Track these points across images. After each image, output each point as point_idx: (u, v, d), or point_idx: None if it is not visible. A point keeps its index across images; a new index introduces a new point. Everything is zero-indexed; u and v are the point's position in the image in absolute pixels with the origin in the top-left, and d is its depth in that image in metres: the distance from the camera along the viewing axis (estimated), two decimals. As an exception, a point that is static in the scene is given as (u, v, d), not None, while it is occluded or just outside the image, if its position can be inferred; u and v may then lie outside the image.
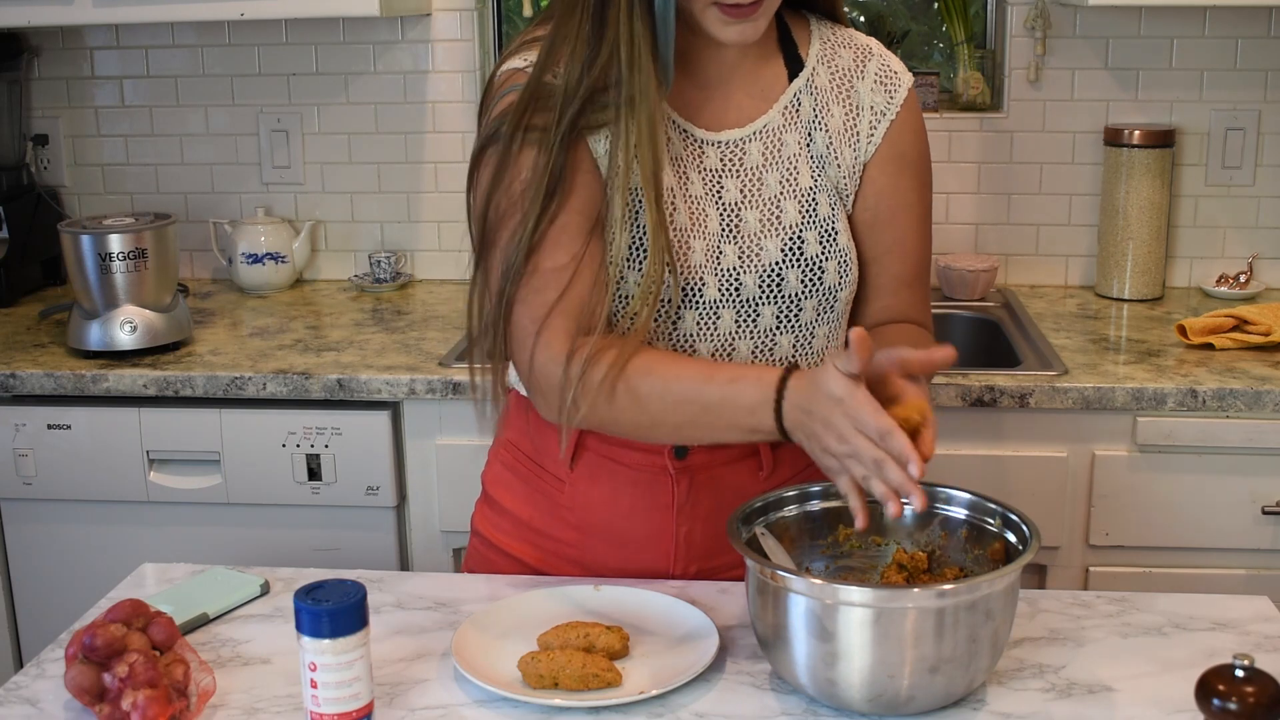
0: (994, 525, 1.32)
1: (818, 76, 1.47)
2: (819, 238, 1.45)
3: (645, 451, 1.48)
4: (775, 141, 1.45)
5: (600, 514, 1.51)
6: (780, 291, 1.44)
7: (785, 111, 1.46)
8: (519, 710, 1.24)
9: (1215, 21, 2.59)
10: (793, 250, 1.44)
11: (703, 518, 1.50)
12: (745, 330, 1.44)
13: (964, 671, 1.20)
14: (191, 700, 1.24)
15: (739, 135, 1.45)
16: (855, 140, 1.47)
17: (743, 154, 1.45)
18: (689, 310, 1.42)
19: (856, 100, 1.48)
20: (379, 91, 2.76)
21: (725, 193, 1.44)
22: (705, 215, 1.42)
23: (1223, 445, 2.10)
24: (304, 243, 2.79)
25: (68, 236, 2.32)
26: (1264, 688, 1.05)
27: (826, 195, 1.46)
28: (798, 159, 1.46)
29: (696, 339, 1.43)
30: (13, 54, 2.76)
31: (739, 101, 1.46)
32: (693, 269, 1.41)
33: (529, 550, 1.56)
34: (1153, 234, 2.58)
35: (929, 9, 2.97)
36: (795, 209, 1.44)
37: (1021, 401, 2.10)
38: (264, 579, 1.50)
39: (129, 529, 2.29)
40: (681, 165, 1.43)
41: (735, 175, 1.44)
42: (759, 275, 1.43)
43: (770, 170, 1.45)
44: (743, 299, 1.43)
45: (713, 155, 1.44)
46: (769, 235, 1.44)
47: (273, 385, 2.19)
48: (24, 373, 2.24)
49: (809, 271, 1.44)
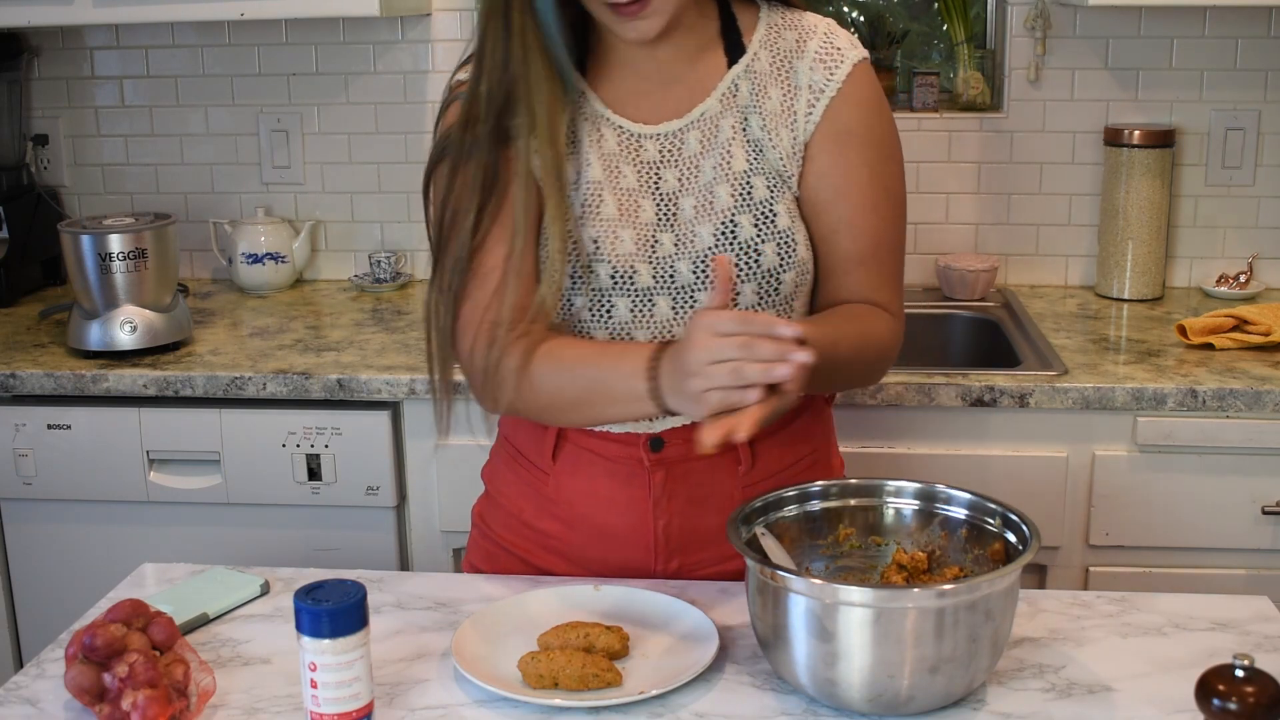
0: (994, 525, 1.32)
1: (758, 61, 1.48)
2: (754, 221, 1.45)
3: (621, 443, 1.50)
4: (711, 129, 1.47)
5: (582, 507, 1.53)
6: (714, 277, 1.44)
7: (723, 98, 1.48)
8: (519, 710, 1.24)
9: (1215, 21, 2.59)
10: (725, 235, 1.45)
11: (680, 512, 1.51)
12: (683, 316, 1.46)
13: (964, 671, 1.20)
14: (191, 700, 1.24)
15: (677, 125, 1.48)
16: (793, 121, 1.47)
17: (681, 144, 1.47)
18: (621, 298, 1.45)
19: (795, 80, 1.47)
20: (379, 91, 2.76)
21: (663, 183, 1.47)
22: (638, 206, 1.45)
23: (1223, 445, 2.10)
24: (304, 243, 2.79)
25: (68, 236, 2.32)
26: (1264, 688, 1.05)
27: (764, 178, 1.46)
28: (732, 144, 1.47)
29: (633, 326, 1.46)
30: (13, 54, 2.76)
31: (678, 93, 1.48)
32: (622, 257, 1.44)
33: (521, 542, 1.58)
34: (1153, 234, 2.58)
35: (929, 9, 2.97)
36: (728, 193, 1.46)
37: (1021, 401, 2.10)
38: (264, 579, 1.50)
39: (129, 529, 2.29)
40: (614, 161, 1.46)
41: (674, 165, 1.47)
42: (693, 261, 1.45)
43: (706, 157, 1.47)
44: (678, 285, 1.45)
45: (651, 148, 1.47)
46: (702, 221, 1.45)
47: (273, 385, 2.19)
48: (24, 373, 2.24)
49: (744, 255, 1.45)
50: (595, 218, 1.45)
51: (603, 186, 1.46)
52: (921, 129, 2.68)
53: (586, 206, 1.45)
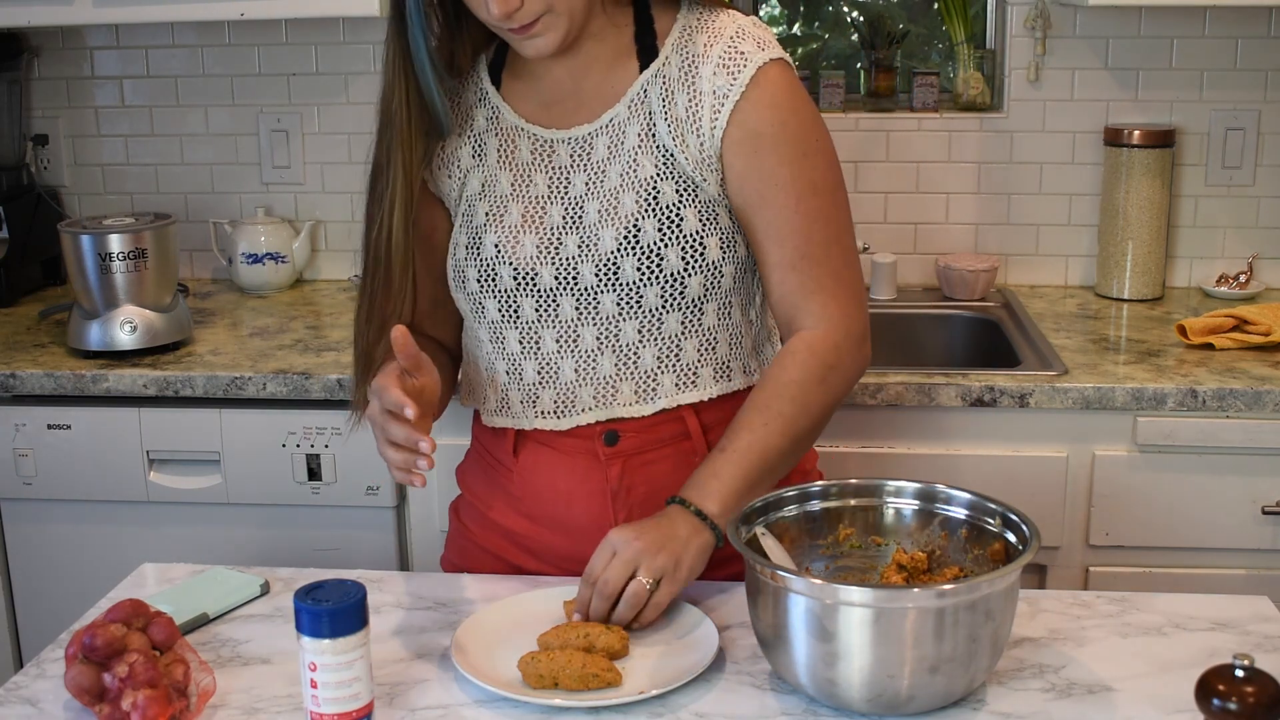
0: (994, 525, 1.32)
1: (668, 66, 1.48)
2: (659, 225, 1.46)
3: (576, 437, 1.53)
4: (619, 134, 1.49)
5: (543, 502, 1.56)
6: (618, 280, 1.47)
7: (631, 104, 1.49)
8: (519, 710, 1.24)
9: (1215, 21, 2.59)
10: (628, 239, 1.46)
11: (639, 504, 1.53)
12: (588, 318, 1.49)
13: (964, 671, 1.20)
14: (191, 700, 1.24)
15: (587, 130, 1.50)
16: (698, 127, 1.46)
17: (590, 149, 1.50)
18: (526, 299, 1.49)
19: (699, 86, 1.46)
20: (379, 91, 2.76)
21: (572, 187, 1.49)
22: (545, 212, 1.49)
23: (1223, 445, 2.10)
24: (304, 243, 2.79)
25: (68, 236, 2.32)
26: (1264, 688, 1.05)
27: (673, 183, 1.46)
28: (638, 150, 1.47)
29: (539, 325, 1.50)
30: (13, 54, 2.76)
31: (590, 100, 1.51)
32: (523, 260, 1.49)
33: (493, 538, 1.61)
34: (1153, 234, 2.58)
35: (929, 9, 2.97)
36: (632, 200, 1.47)
37: (1021, 401, 2.10)
38: (264, 579, 1.51)
39: (129, 529, 2.29)
40: (526, 170, 1.51)
41: (583, 170, 1.50)
42: (595, 265, 1.47)
43: (613, 163, 1.49)
44: (581, 287, 1.48)
45: (563, 152, 1.50)
46: (605, 226, 1.47)
47: (273, 385, 2.19)
48: (24, 373, 2.24)
49: (646, 260, 1.46)
50: (498, 225, 1.51)
51: (509, 199, 1.51)
52: (921, 129, 2.68)
53: (490, 216, 1.51)
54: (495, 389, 1.57)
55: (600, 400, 1.51)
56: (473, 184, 1.53)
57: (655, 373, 1.50)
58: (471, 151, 1.54)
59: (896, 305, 2.63)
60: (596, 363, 1.50)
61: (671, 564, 1.35)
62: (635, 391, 1.51)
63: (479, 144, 1.54)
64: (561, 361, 1.51)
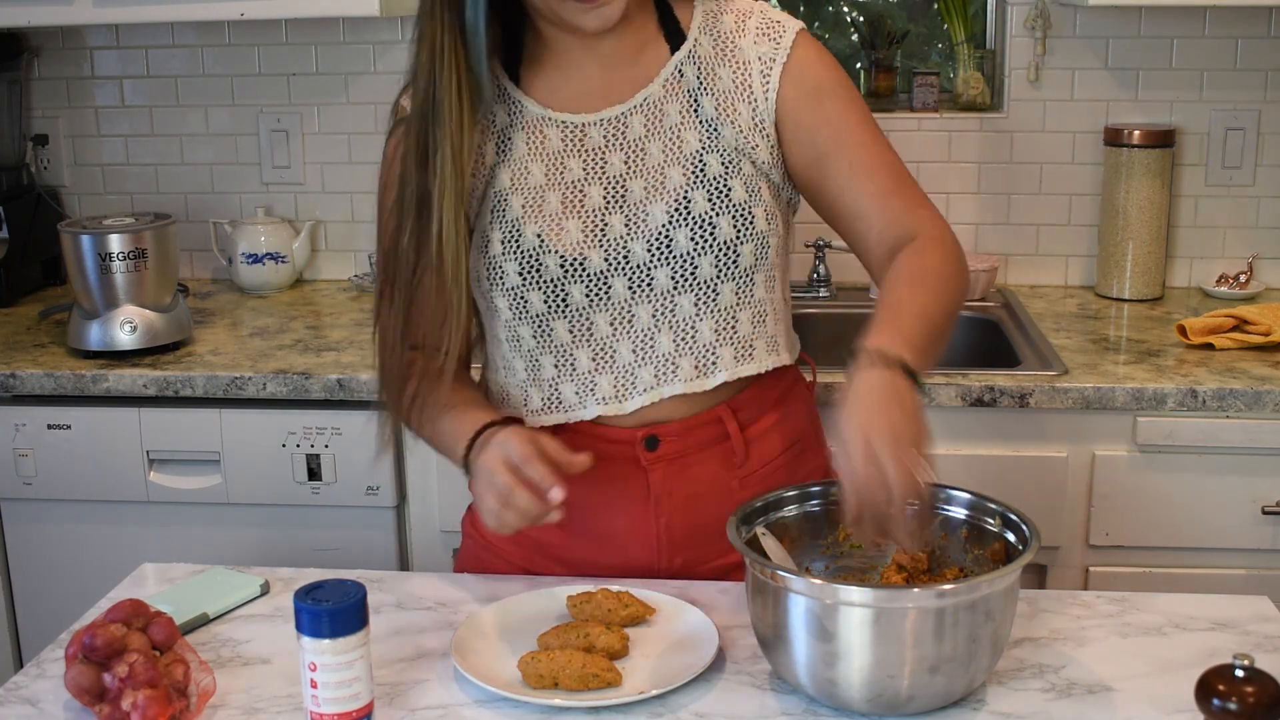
0: (994, 525, 1.32)
1: (700, 46, 1.51)
2: (708, 196, 1.47)
3: (616, 442, 1.50)
4: (656, 112, 1.50)
5: (580, 511, 1.52)
6: (671, 252, 1.46)
7: (666, 83, 1.50)
8: (519, 710, 1.24)
9: (1215, 21, 2.59)
10: (679, 211, 1.47)
11: (680, 508, 1.51)
12: (641, 295, 1.47)
13: (964, 671, 1.20)
14: (191, 700, 1.24)
15: (620, 110, 1.50)
16: (750, 94, 1.50)
17: (625, 128, 1.49)
18: (574, 284, 1.47)
19: (742, 56, 1.51)
20: (379, 91, 2.76)
21: (609, 167, 1.49)
22: (584, 195, 1.48)
23: (1223, 445, 2.10)
24: (304, 243, 2.79)
25: (68, 236, 2.32)
26: (1264, 688, 1.05)
27: (719, 155, 1.48)
28: (681, 126, 1.49)
29: (590, 310, 1.48)
30: (13, 54, 2.76)
31: (620, 83, 1.51)
32: (570, 246, 1.46)
33: (519, 551, 1.57)
34: (1153, 234, 2.58)
35: (929, 9, 2.97)
36: (679, 173, 1.48)
37: (1021, 401, 2.10)
38: (264, 579, 1.50)
39: (129, 529, 2.29)
40: (558, 158, 1.49)
41: (619, 149, 1.49)
42: (647, 240, 1.46)
43: (653, 140, 1.49)
44: (633, 265, 1.47)
45: (595, 134, 1.49)
46: (654, 200, 1.47)
47: (273, 385, 2.19)
48: (24, 373, 2.24)
49: (699, 229, 1.46)
50: (537, 215, 1.48)
51: (545, 188, 1.49)
52: (921, 129, 2.68)
53: (527, 208, 1.48)
54: (540, 386, 1.52)
55: (661, 378, 1.49)
56: (501, 179, 1.50)
57: (714, 345, 1.49)
58: (495, 148, 1.51)
59: (896, 305, 2.62)
60: (654, 340, 1.48)
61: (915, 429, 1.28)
62: (695, 366, 1.49)
63: (503, 139, 1.51)
64: (618, 344, 1.48)
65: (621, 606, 1.35)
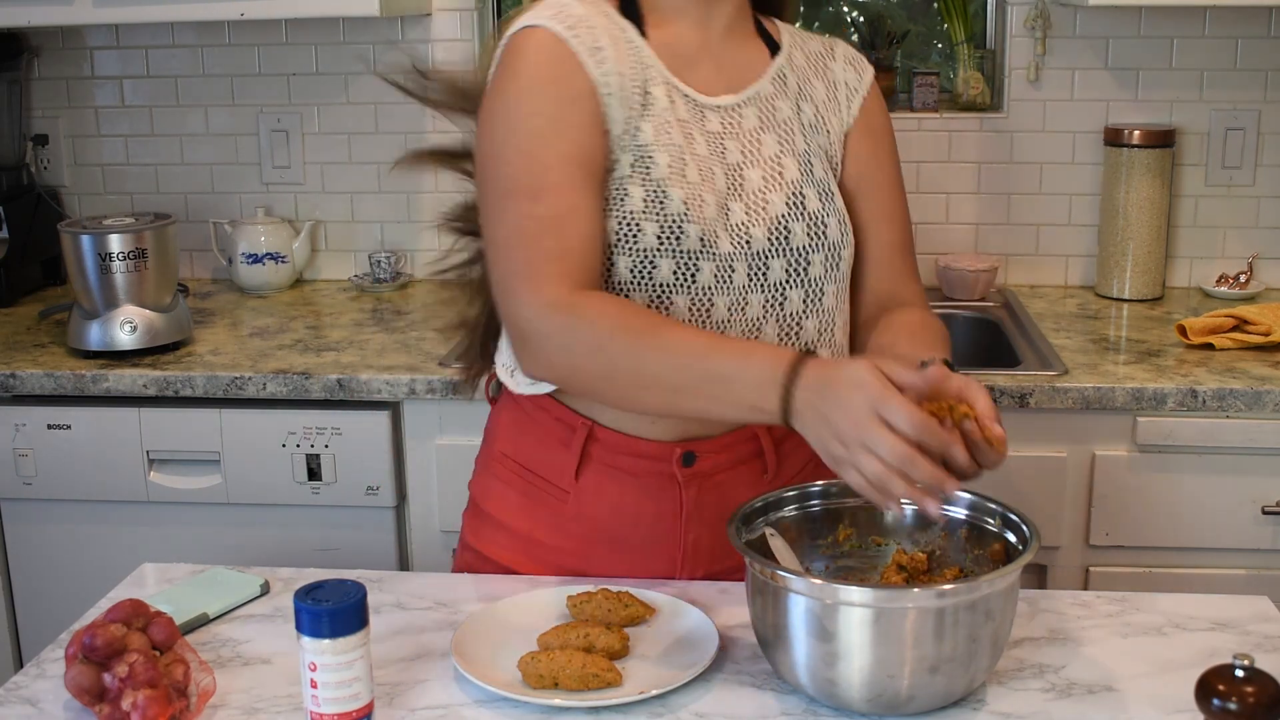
0: (994, 525, 1.32)
1: (795, 58, 1.56)
2: (818, 195, 1.50)
3: (652, 458, 1.47)
4: (769, 107, 1.52)
5: (606, 523, 1.50)
6: (788, 244, 1.46)
7: (774, 82, 1.54)
8: (519, 710, 1.24)
9: (1215, 21, 2.59)
10: (796, 204, 1.48)
11: (710, 523, 1.50)
12: (757, 284, 1.45)
13: (964, 671, 1.20)
14: (191, 700, 1.24)
15: (735, 100, 1.50)
16: (838, 110, 1.57)
17: (740, 118, 1.50)
18: (707, 261, 1.41)
19: (833, 76, 1.58)
20: (379, 91, 2.76)
21: (728, 154, 1.48)
22: (713, 173, 1.45)
23: (1223, 445, 2.10)
24: (304, 243, 2.79)
25: (68, 236, 2.32)
26: (1264, 688, 1.05)
27: (819, 160, 1.53)
28: (792, 123, 1.52)
29: (714, 292, 1.42)
30: (13, 54, 2.76)
31: (728, 71, 1.52)
32: (709, 221, 1.42)
33: (527, 563, 1.54)
34: (1153, 234, 2.58)
35: (929, 9, 2.97)
36: (795, 167, 1.50)
37: (1021, 401, 2.10)
38: (264, 579, 1.50)
39: (129, 529, 2.29)
40: (687, 127, 1.46)
41: (735, 138, 1.49)
42: (767, 228, 1.46)
43: (768, 132, 1.50)
44: (753, 251, 1.44)
45: (713, 119, 1.49)
46: (773, 190, 1.47)
47: (273, 385, 2.19)
48: (24, 373, 2.24)
49: (813, 225, 1.48)
50: (681, 180, 1.41)
51: (684, 150, 1.44)
52: (921, 129, 2.68)
53: (672, 168, 1.41)
54: None
55: None
56: (645, 131, 1.41)
57: (814, 345, 1.48)
58: (642, 96, 1.42)
59: (896, 305, 2.63)
60: (761, 331, 1.45)
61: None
62: None
63: (645, 89, 1.43)
64: (730, 331, 1.44)
65: (621, 606, 1.35)
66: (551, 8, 1.42)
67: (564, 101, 1.38)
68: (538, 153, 1.37)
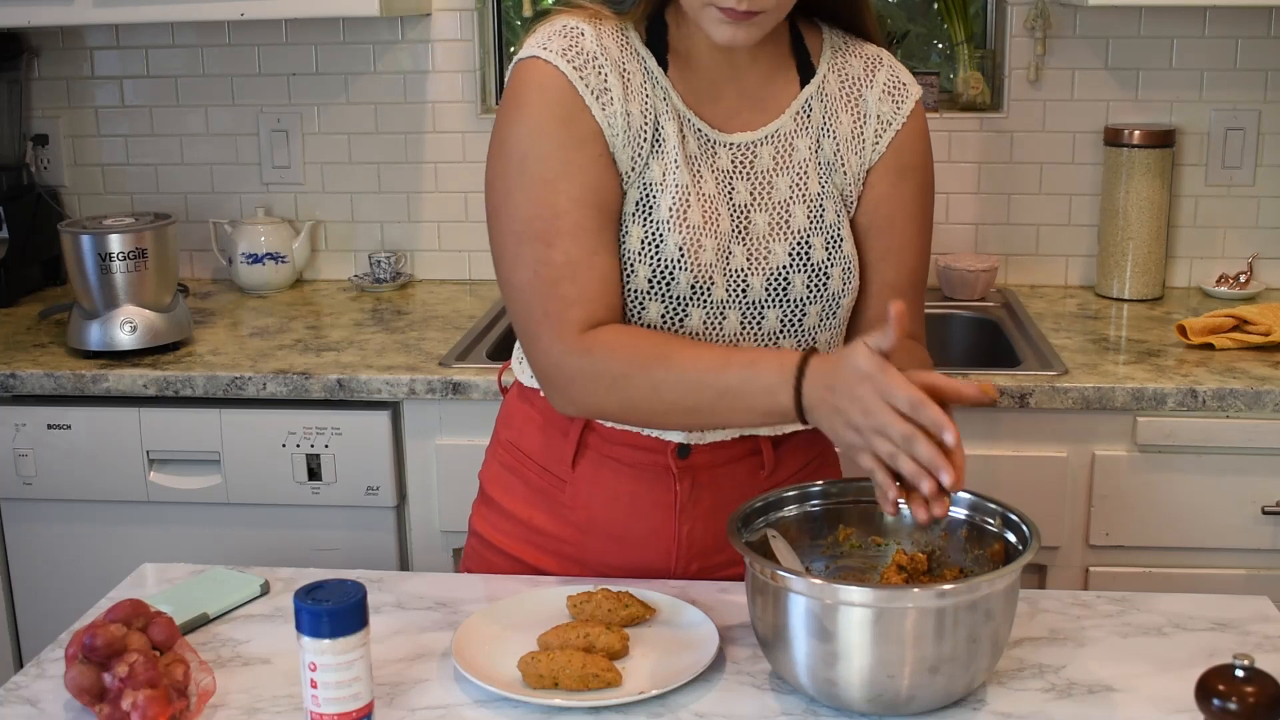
0: (994, 525, 1.32)
1: (828, 84, 1.49)
2: (825, 244, 1.46)
3: (648, 450, 1.48)
4: (786, 147, 1.46)
5: (602, 513, 1.52)
6: (786, 296, 1.44)
7: (796, 118, 1.47)
8: (519, 710, 1.24)
9: (1215, 21, 2.59)
10: (800, 255, 1.45)
11: (704, 516, 1.51)
12: (750, 332, 1.44)
13: (964, 671, 1.20)
14: (191, 700, 1.24)
15: (751, 138, 1.46)
16: (861, 147, 1.48)
17: (754, 157, 1.45)
18: (696, 308, 1.42)
19: (864, 109, 1.48)
20: (379, 91, 2.76)
21: (735, 194, 1.44)
22: (718, 214, 1.43)
23: (1223, 445, 2.10)
24: (304, 243, 2.79)
25: (68, 236, 2.32)
26: (1264, 688, 1.05)
27: (832, 201, 1.47)
28: (808, 164, 1.46)
29: (702, 339, 1.43)
30: (13, 54, 2.76)
31: (751, 105, 1.47)
32: (703, 267, 1.41)
33: (528, 550, 1.56)
34: (1153, 234, 2.58)
35: (929, 9, 2.97)
36: (804, 214, 1.45)
37: (1021, 401, 2.10)
38: (264, 579, 1.50)
39: (129, 529, 2.29)
40: (696, 164, 1.43)
41: (746, 178, 1.45)
42: (766, 278, 1.44)
43: (780, 175, 1.46)
44: (749, 301, 1.43)
45: (724, 156, 1.45)
46: (777, 239, 1.44)
47: (273, 385, 2.19)
48: (24, 373, 2.24)
49: (814, 277, 1.45)
50: (681, 223, 1.41)
51: (689, 191, 1.42)
52: (921, 129, 2.68)
53: (673, 210, 1.41)
54: None
55: None
56: (653, 170, 1.41)
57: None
58: (652, 133, 1.41)
59: (896, 305, 2.62)
60: None
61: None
62: None
63: (657, 126, 1.42)
64: None
65: (621, 606, 1.35)
66: (563, 38, 1.40)
67: (571, 145, 1.38)
68: (549, 198, 1.38)
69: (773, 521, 1.35)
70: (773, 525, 1.34)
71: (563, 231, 1.37)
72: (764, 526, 1.33)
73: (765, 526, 1.33)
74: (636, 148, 1.41)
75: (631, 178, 1.41)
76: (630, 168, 1.41)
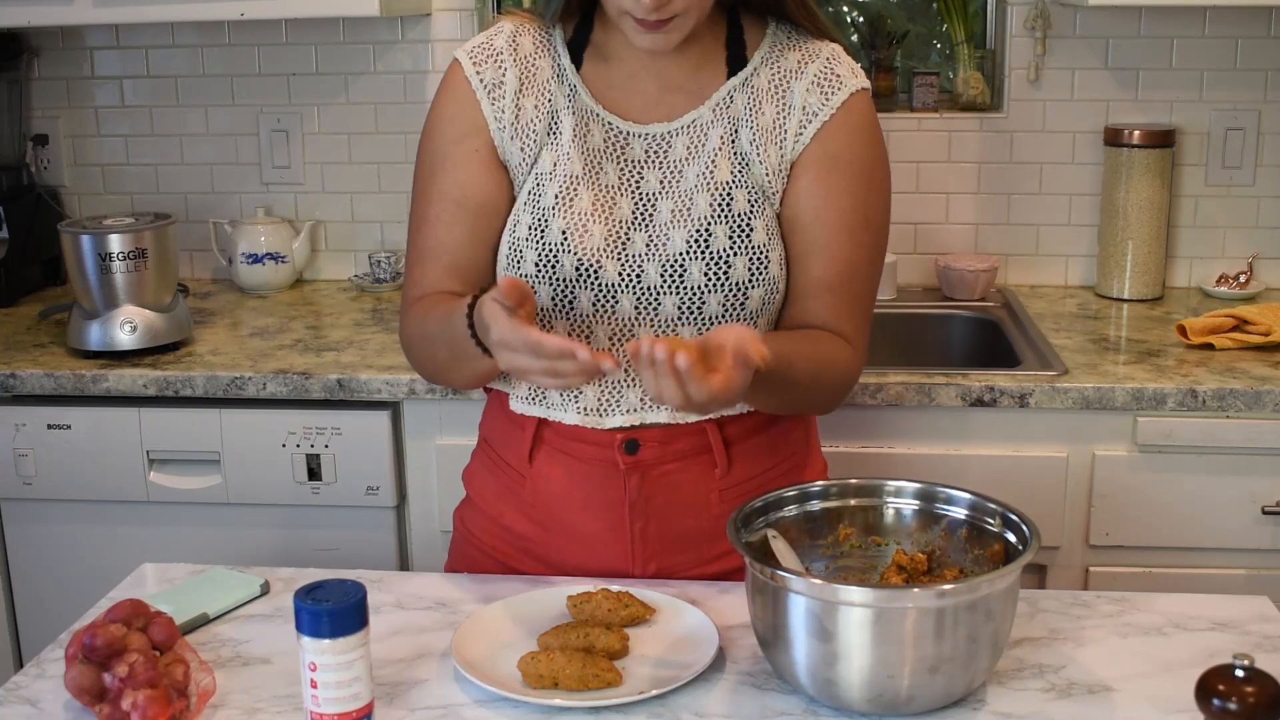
0: (994, 525, 1.32)
1: (757, 77, 1.50)
2: (729, 233, 1.46)
3: (596, 444, 1.50)
4: (700, 136, 1.49)
5: (557, 509, 1.53)
6: (682, 283, 1.46)
7: (715, 108, 1.50)
8: (519, 710, 1.24)
9: (1215, 21, 2.59)
10: (698, 243, 1.46)
11: (657, 515, 1.51)
12: (646, 317, 1.46)
13: (964, 671, 1.20)
14: (191, 700, 1.24)
15: (666, 129, 1.49)
16: (782, 139, 1.48)
17: (668, 147, 1.49)
18: (583, 290, 1.46)
19: (790, 100, 1.49)
20: (379, 91, 2.76)
21: (644, 183, 1.48)
22: (614, 203, 1.47)
23: (1223, 445, 2.10)
24: (304, 243, 2.79)
25: (68, 236, 2.32)
26: (1264, 688, 1.05)
27: (746, 192, 1.47)
28: (718, 154, 1.48)
29: (593, 320, 1.47)
30: (13, 54, 2.76)
31: (672, 97, 1.50)
32: (589, 251, 1.46)
33: (501, 546, 1.59)
34: (1153, 234, 2.58)
35: (929, 9, 2.97)
36: (706, 202, 1.47)
37: (1021, 401, 2.10)
38: (264, 579, 1.51)
39: (129, 529, 2.29)
40: (596, 157, 1.48)
41: (658, 167, 1.48)
42: (661, 264, 1.46)
43: (691, 163, 1.48)
44: (644, 286, 1.46)
45: (637, 146, 1.49)
46: (677, 226, 1.46)
47: (273, 385, 2.19)
48: (24, 373, 2.24)
49: (714, 265, 1.45)
50: (567, 209, 1.47)
51: (579, 181, 1.47)
52: (921, 129, 2.68)
53: (559, 198, 1.47)
54: None
55: (646, 403, 1.48)
56: (544, 161, 1.49)
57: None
58: (547, 126, 1.49)
59: (896, 305, 2.63)
60: None
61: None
62: None
63: (554, 119, 1.49)
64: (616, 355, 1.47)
65: (621, 606, 1.35)
66: (483, 37, 1.53)
67: (451, 140, 1.51)
68: (425, 189, 1.53)
69: (773, 521, 1.35)
70: (773, 525, 1.34)
71: (427, 219, 1.52)
72: (764, 526, 1.34)
73: (765, 526, 1.33)
74: (526, 139, 1.49)
75: (524, 170, 1.50)
76: (520, 161, 1.50)
